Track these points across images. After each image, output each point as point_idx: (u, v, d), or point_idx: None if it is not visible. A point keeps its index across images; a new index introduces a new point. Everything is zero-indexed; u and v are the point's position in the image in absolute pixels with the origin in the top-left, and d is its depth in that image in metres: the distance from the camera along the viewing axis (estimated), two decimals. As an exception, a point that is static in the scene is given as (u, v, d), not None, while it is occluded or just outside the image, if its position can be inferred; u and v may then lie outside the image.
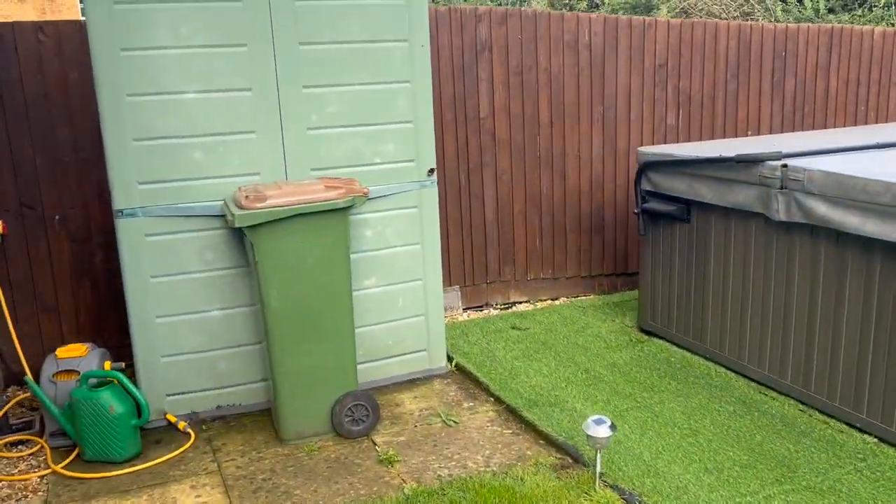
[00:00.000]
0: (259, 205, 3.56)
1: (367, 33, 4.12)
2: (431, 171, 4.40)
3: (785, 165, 3.74)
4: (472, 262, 5.73)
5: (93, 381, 3.73)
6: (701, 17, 10.75)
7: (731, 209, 4.16)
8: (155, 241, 3.93)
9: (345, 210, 3.70)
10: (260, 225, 3.56)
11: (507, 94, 5.59)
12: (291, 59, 3.99)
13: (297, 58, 4.00)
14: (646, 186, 4.73)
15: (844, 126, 6.68)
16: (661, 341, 4.81)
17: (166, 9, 3.73)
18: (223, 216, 3.96)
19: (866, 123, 6.76)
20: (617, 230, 6.11)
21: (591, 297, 6.03)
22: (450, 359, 4.67)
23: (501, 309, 5.77)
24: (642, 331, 5.03)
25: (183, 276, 4.00)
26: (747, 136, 6.33)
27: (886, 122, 6.82)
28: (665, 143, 6.07)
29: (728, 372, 4.32)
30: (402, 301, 4.48)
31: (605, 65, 5.81)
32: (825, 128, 6.61)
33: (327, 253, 3.73)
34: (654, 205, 4.68)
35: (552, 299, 6.02)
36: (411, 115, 4.30)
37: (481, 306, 5.82)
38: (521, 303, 5.92)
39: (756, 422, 3.76)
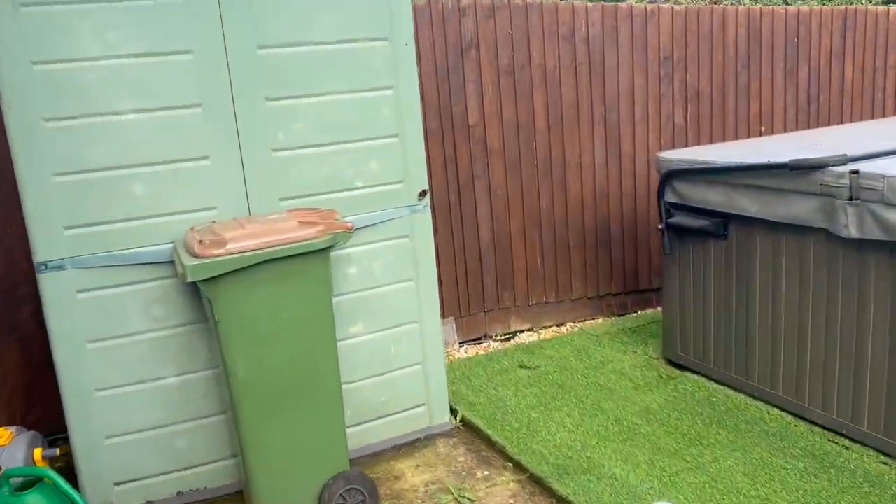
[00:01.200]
0: (217, 251, 2.82)
1: (340, 31, 3.40)
2: (423, 193, 3.69)
3: (855, 172, 3.10)
4: (466, 289, 5.04)
5: (16, 480, 2.95)
6: (706, 1, 10.15)
7: (781, 224, 3.51)
8: (90, 299, 3.17)
9: (325, 251, 2.98)
10: (220, 277, 2.82)
11: (498, 96, 4.91)
12: (249, 65, 3.26)
13: (257, 64, 3.27)
14: (671, 198, 4.07)
15: (862, 117, 6.10)
16: (695, 376, 4.16)
17: (88, 10, 2.98)
18: (173, 262, 3.22)
19: (884, 113, 6.20)
20: (625, 244, 5.46)
21: (601, 320, 5.37)
22: (453, 412, 3.97)
23: (502, 341, 5.08)
24: (670, 363, 4.38)
25: (127, 339, 3.25)
26: (760, 132, 5.72)
27: (905, 110, 6.26)
28: (674, 144, 5.43)
29: (784, 414, 3.68)
30: (394, 349, 3.76)
31: (606, 59, 5.16)
32: (842, 119, 6.04)
33: (306, 304, 3.00)
34: (681, 219, 4.02)
35: (557, 325, 5.35)
36: (397, 127, 3.59)
37: (479, 339, 5.12)
38: (523, 331, 5.23)
39: (836, 482, 3.11)
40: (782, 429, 3.56)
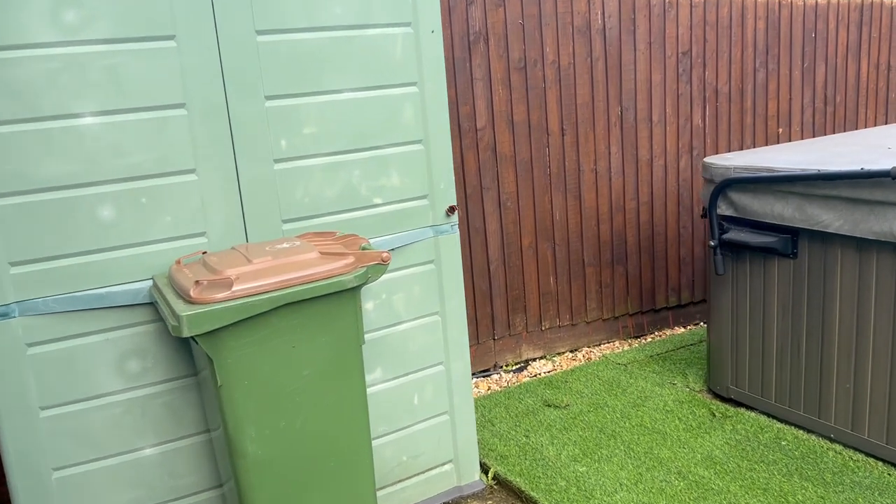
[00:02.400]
0: (220, 294, 2.16)
1: (355, 14, 2.77)
2: (451, 209, 3.08)
3: (982, 181, 2.61)
4: (475, 314, 4.44)
5: None
6: None
7: (872, 241, 3.01)
8: (44, 353, 2.47)
9: (355, 290, 2.34)
10: (225, 328, 2.16)
11: (508, 95, 4.32)
12: (246, 56, 2.60)
13: (255, 53, 2.61)
14: (725, 211, 3.55)
15: (876, 118, 5.73)
16: (752, 414, 3.65)
17: (39, -20, 2.29)
18: (152, 304, 2.54)
19: (898, 113, 5.84)
20: (641, 258, 4.94)
21: (617, 343, 4.84)
22: (483, 468, 3.37)
23: (515, 372, 4.50)
24: (719, 397, 3.86)
25: (94, 402, 2.56)
26: (778, 135, 5.28)
27: (919, 110, 5.91)
28: (692, 148, 4.94)
29: (871, 461, 3.19)
30: (418, 398, 3.14)
31: (622, 54, 4.63)
32: (857, 121, 5.65)
33: (332, 357, 2.36)
34: (738, 235, 3.50)
35: (571, 351, 4.79)
36: (421, 131, 2.97)
37: (488, 370, 4.53)
38: (535, 360, 4.66)
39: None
40: (876, 480, 3.06)
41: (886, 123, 5.81)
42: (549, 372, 4.46)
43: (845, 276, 3.15)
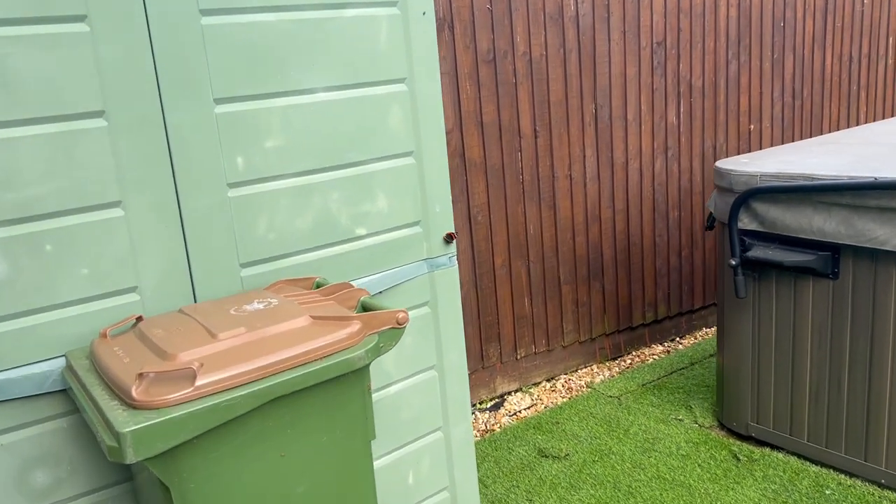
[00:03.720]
0: (179, 394, 1.46)
1: (330, -11, 2.11)
2: (450, 237, 2.46)
3: None
4: (445, 347, 3.81)
5: None
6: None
7: (937, 260, 2.59)
8: None
9: (364, 369, 1.68)
10: (187, 443, 1.47)
11: (476, 92, 3.72)
12: (187, 44, 1.90)
13: (199, 42, 1.92)
14: (747, 225, 3.07)
15: (839, 112, 5.45)
16: (781, 455, 3.19)
17: None
18: (65, 390, 1.81)
19: (859, 104, 5.58)
20: (618, 272, 4.45)
21: (595, 368, 4.33)
22: (490, 547, 2.77)
23: (491, 409, 3.92)
24: (733, 434, 3.39)
25: (-16, 537, 1.81)
26: (749, 130, 4.90)
27: (878, 100, 5.68)
28: (667, 147, 4.49)
29: (933, 509, 2.77)
30: (413, 475, 2.51)
31: (596, 45, 4.11)
32: (822, 115, 5.35)
33: (335, 463, 1.70)
34: (764, 252, 3.03)
35: (548, 379, 4.25)
36: (412, 140, 2.34)
37: (461, 410, 3.92)
38: (511, 393, 4.09)
39: None
40: (948, 535, 2.65)
41: (849, 118, 5.55)
42: (529, 408, 3.90)
43: (902, 299, 2.72)
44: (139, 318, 1.83)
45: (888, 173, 2.68)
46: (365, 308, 1.86)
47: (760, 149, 5.00)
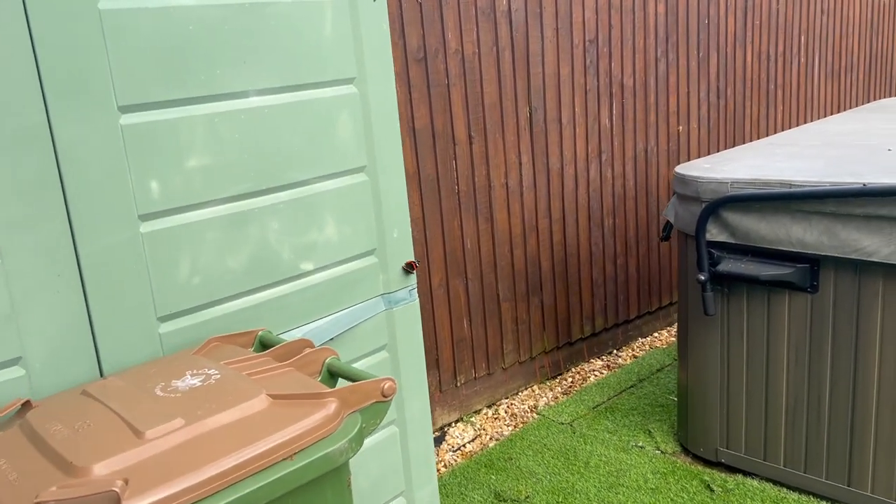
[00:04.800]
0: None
1: (263, -33, 1.68)
2: (410, 266, 2.07)
3: None
4: (380, 380, 3.40)
5: None
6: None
7: (928, 271, 2.40)
8: None
9: (344, 466, 1.27)
10: None
11: (407, 94, 3.34)
12: (81, 37, 1.44)
13: (97, 34, 1.45)
14: (716, 236, 2.82)
15: (759, 112, 5.38)
16: (756, 482, 2.96)
17: None
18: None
19: (776, 102, 5.54)
20: (556, 286, 4.17)
21: (536, 388, 4.03)
22: None
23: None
24: (700, 460, 3.15)
25: None
26: (678, 131, 4.73)
27: (792, 98, 5.66)
28: (600, 151, 4.24)
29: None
30: (375, 550, 2.10)
31: (530, 43, 3.80)
32: (744, 115, 5.26)
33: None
34: (735, 266, 2.79)
35: (489, 406, 3.92)
36: (364, 153, 1.94)
37: (400, 448, 3.52)
38: (452, 424, 3.73)
39: None
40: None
41: (768, 117, 5.49)
42: (473, 440, 3.55)
43: (890, 314, 2.52)
44: (26, 404, 1.35)
45: (872, 178, 2.48)
46: (332, 373, 1.45)
47: (689, 151, 4.84)
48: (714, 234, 2.83)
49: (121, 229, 1.53)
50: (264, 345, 1.60)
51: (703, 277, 2.84)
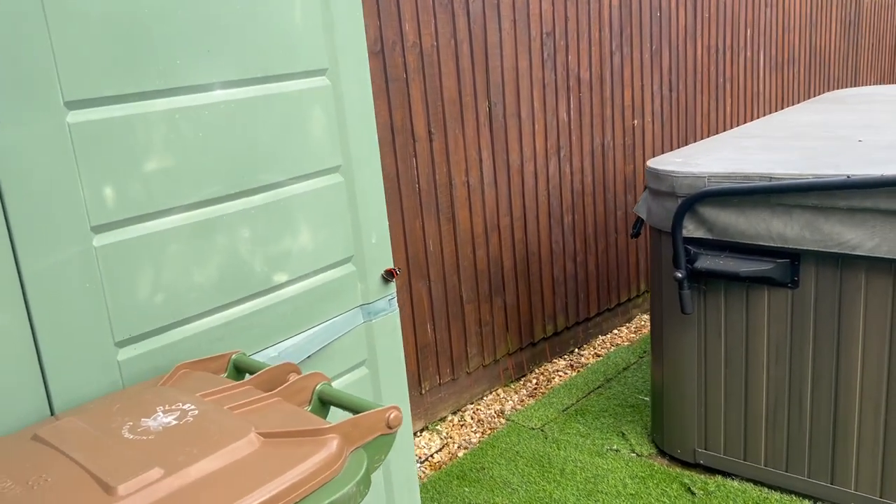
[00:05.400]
0: None
1: (227, -56, 1.50)
2: (390, 274, 1.91)
3: None
4: (343, 391, 3.22)
5: None
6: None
7: (912, 264, 2.35)
8: None
9: None
10: None
11: (364, 90, 3.16)
12: (14, 18, 1.23)
13: (35, 15, 1.25)
14: (693, 232, 2.73)
15: (708, 106, 5.38)
16: (736, 483, 2.89)
17: None
18: None
19: (725, 96, 5.55)
20: (518, 285, 4.05)
21: (501, 392, 3.91)
22: None
23: (399, 457, 3.37)
24: (677, 462, 3.07)
25: None
26: (633, 125, 4.67)
27: (739, 91, 5.68)
28: (559, 147, 4.14)
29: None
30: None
31: (488, 35, 3.67)
32: (696, 108, 5.24)
33: None
34: (714, 262, 2.70)
35: (454, 412, 3.78)
36: (338, 152, 1.76)
37: (365, 461, 3.35)
38: (417, 434, 3.58)
39: None
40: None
41: (717, 110, 5.49)
42: (440, 450, 3.40)
43: (872, 309, 2.47)
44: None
45: (853, 170, 2.42)
46: (323, 401, 1.28)
47: (644, 145, 4.79)
48: (691, 230, 2.74)
49: (71, 243, 1.33)
50: (239, 369, 1.42)
51: (680, 275, 2.75)
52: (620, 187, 4.62)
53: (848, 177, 2.35)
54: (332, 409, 1.32)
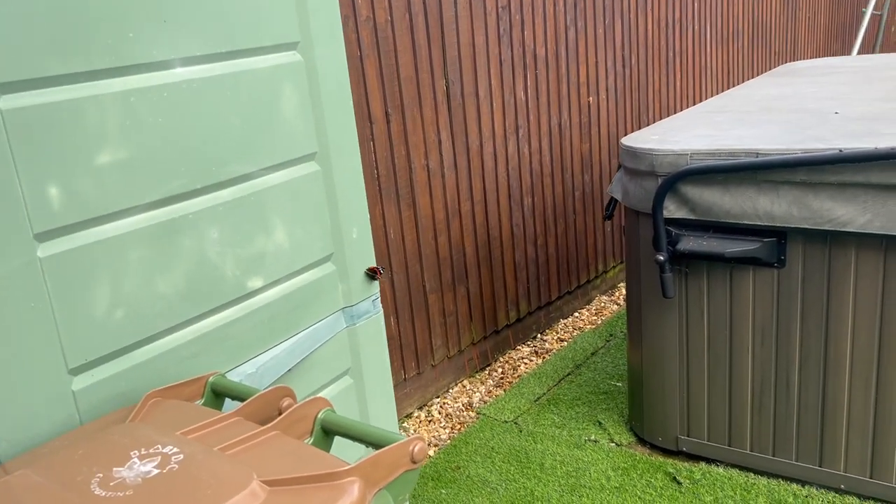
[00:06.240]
0: None
1: None
2: (373, 273, 1.71)
3: None
4: (306, 393, 3.02)
5: None
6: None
7: (904, 240, 2.28)
8: None
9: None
10: None
11: (318, 70, 2.94)
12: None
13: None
14: (674, 213, 2.61)
15: (658, 79, 5.30)
16: (721, 469, 2.81)
17: None
18: None
19: (675, 70, 5.47)
20: (481, 271, 3.89)
21: (466, 383, 3.76)
22: None
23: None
24: (659, 450, 2.97)
25: None
26: (588, 102, 4.55)
27: (688, 66, 5.62)
28: (517, 127, 3.99)
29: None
30: None
31: (443, 8, 3.47)
32: (648, 84, 5.15)
33: None
34: (697, 243, 2.59)
35: (420, 407, 3.61)
36: (313, 137, 1.56)
37: (331, 465, 3.15)
38: (383, 433, 3.39)
39: None
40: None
41: (668, 85, 5.41)
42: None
43: (863, 287, 2.40)
44: None
45: (839, 143, 2.33)
46: (327, 431, 1.09)
47: (599, 122, 4.67)
48: (672, 210, 2.62)
49: (10, 255, 1.10)
50: (217, 393, 1.22)
51: (661, 258, 2.63)
52: (578, 167, 4.50)
53: (840, 150, 2.25)
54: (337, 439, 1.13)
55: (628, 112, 4.98)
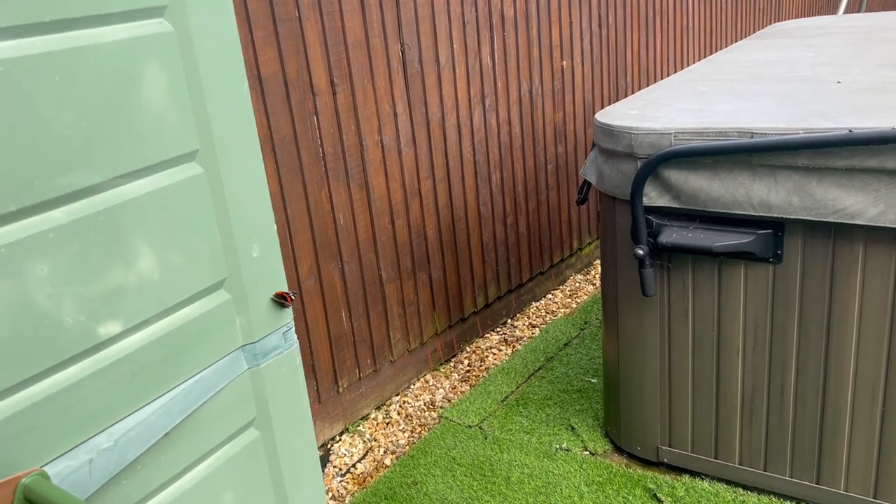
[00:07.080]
0: None
1: None
2: (283, 298, 1.36)
3: None
4: (243, 403, 2.68)
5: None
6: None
7: (921, 233, 1.96)
8: None
9: None
10: None
11: (248, 34, 2.56)
12: None
13: None
14: (655, 200, 2.27)
15: (639, 40, 4.93)
16: (706, 483, 2.52)
17: None
18: None
19: (655, 31, 5.11)
20: (445, 256, 3.56)
21: (429, 378, 3.45)
22: None
23: (316, 471, 2.87)
24: (636, 460, 2.67)
25: None
26: (562, 66, 4.18)
27: (669, 26, 5.25)
28: (483, 95, 3.63)
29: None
30: None
31: (397, -36, 3.08)
32: (626, 45, 4.78)
33: None
34: (682, 236, 2.26)
35: (378, 407, 3.30)
36: (192, 131, 1.19)
37: (275, 480, 2.83)
38: (337, 439, 3.08)
39: None
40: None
41: (647, 47, 5.05)
42: (364, 457, 2.92)
43: (871, 286, 2.08)
44: None
45: (850, 121, 2.00)
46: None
47: (574, 88, 4.31)
48: (653, 197, 2.28)
49: None
50: (32, 502, 0.87)
51: (641, 252, 2.30)
52: (550, 138, 4.15)
53: (850, 131, 1.92)
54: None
55: (605, 77, 4.61)
